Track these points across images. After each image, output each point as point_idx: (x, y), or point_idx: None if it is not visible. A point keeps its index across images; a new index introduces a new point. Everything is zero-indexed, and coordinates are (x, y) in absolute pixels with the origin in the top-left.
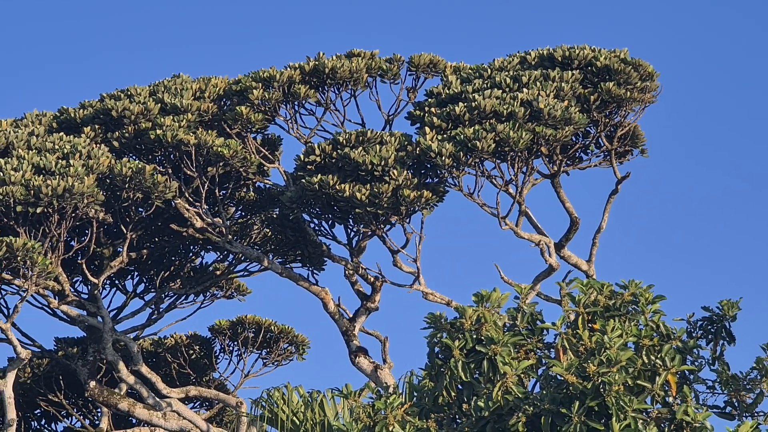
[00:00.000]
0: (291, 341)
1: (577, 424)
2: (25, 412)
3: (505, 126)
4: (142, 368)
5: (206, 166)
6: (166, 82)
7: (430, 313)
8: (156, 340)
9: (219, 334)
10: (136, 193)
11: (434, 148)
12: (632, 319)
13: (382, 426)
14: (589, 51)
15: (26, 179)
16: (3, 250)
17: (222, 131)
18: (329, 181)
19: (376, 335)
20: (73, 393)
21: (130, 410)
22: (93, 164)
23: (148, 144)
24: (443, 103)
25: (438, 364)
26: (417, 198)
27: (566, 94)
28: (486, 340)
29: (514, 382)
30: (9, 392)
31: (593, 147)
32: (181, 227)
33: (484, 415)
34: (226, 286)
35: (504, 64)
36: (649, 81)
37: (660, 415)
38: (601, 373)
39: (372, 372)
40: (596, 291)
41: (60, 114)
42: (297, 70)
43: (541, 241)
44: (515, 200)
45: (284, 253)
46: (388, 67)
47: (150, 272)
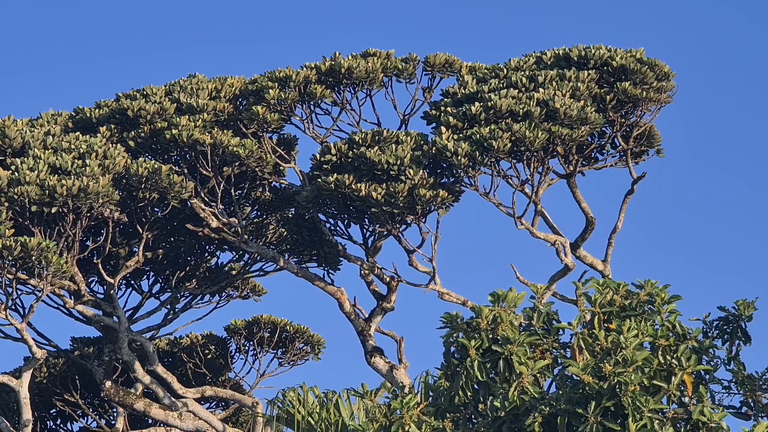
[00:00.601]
0: (306, 341)
1: (593, 425)
2: (41, 412)
3: (521, 126)
4: (158, 368)
5: (222, 166)
6: (182, 81)
7: (446, 313)
8: (172, 340)
9: (235, 333)
10: (152, 193)
11: (450, 148)
12: (648, 319)
13: (398, 426)
14: (605, 51)
15: (41, 179)
16: (18, 249)
17: (238, 131)
18: (345, 180)
19: (392, 335)
20: (89, 393)
21: (146, 410)
22: (109, 164)
23: (163, 144)
24: (459, 102)
25: (454, 363)
26: (433, 197)
27: (582, 94)
28: (502, 340)
29: (530, 382)
30: (25, 392)
31: (609, 147)
32: (197, 227)
33: (500, 415)
34: (241, 286)
35: (520, 63)
36: (665, 81)
37: (676, 415)
38: (617, 373)
39: (388, 372)
40: (612, 291)
41: (76, 114)
42: (313, 70)
43: (557, 241)
44: (531, 200)
45: (300, 252)
46: (404, 67)
47: (166, 272)
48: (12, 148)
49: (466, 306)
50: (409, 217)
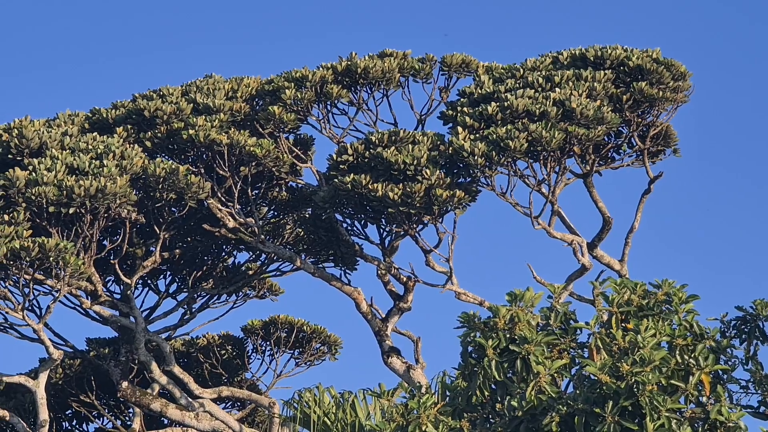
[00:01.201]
0: (323, 341)
1: (611, 424)
2: (57, 413)
3: (538, 125)
4: (175, 368)
5: (239, 166)
6: (198, 82)
7: (463, 313)
8: (188, 340)
9: (251, 334)
10: (169, 193)
11: (467, 148)
12: (666, 318)
13: (415, 426)
14: (622, 51)
15: (59, 179)
16: (36, 250)
17: (254, 131)
18: (362, 180)
19: (409, 335)
20: (105, 393)
21: (163, 411)
22: (126, 164)
23: (180, 144)
24: (476, 102)
25: (471, 363)
26: (450, 198)
27: (599, 94)
28: (519, 340)
29: (547, 381)
30: (41, 393)
31: (626, 147)
32: (214, 227)
33: (518, 415)
34: (258, 285)
35: (536, 63)
36: (681, 81)
37: (694, 414)
38: (635, 372)
39: (404, 372)
40: (629, 290)
41: (92, 114)
42: (329, 70)
43: (574, 240)
44: (548, 200)
45: (317, 252)
46: (421, 67)
47: (182, 272)
48: (29, 149)
49: (483, 306)
50: (425, 217)
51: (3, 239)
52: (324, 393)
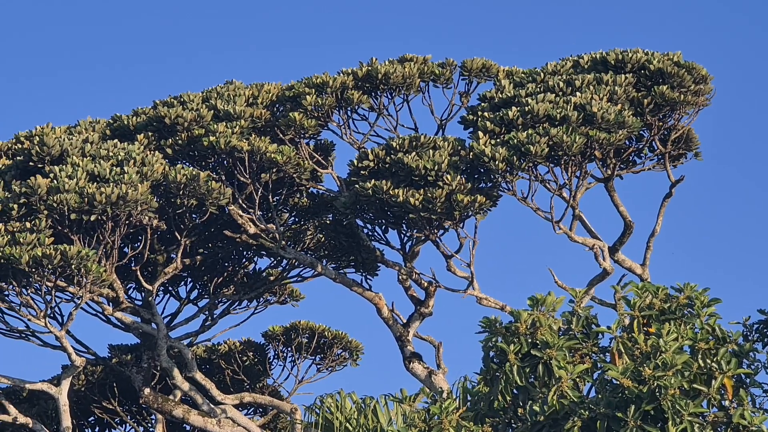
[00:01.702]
0: (345, 347)
1: (633, 428)
2: (80, 420)
3: (559, 130)
4: (197, 375)
5: (259, 172)
6: (219, 88)
7: (485, 318)
8: (210, 346)
9: (273, 340)
10: (190, 200)
11: (488, 153)
12: (688, 322)
13: (438, 430)
14: (642, 54)
15: (80, 187)
16: (57, 257)
17: (275, 137)
18: (383, 186)
19: (430, 340)
20: (128, 400)
21: (185, 417)
22: (147, 171)
23: (201, 151)
24: (496, 107)
25: (493, 368)
26: (470, 203)
27: (620, 98)
28: (541, 344)
29: (569, 386)
30: (64, 399)
31: (647, 150)
32: (235, 233)
33: (540, 420)
34: (279, 291)
35: (557, 67)
36: (702, 84)
37: (716, 418)
38: (657, 376)
39: (426, 377)
40: (651, 294)
41: (113, 121)
42: (350, 75)
43: (595, 245)
44: (569, 204)
45: (338, 258)
46: (441, 72)
47: (204, 278)
48: (50, 156)
49: (505, 311)
50: (446, 223)
51: (25, 247)
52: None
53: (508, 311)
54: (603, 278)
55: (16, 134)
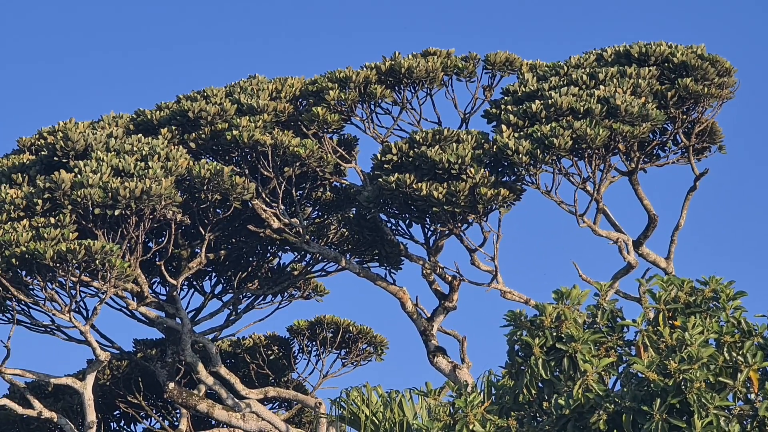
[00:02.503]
0: (369, 341)
1: (659, 422)
2: (105, 414)
3: (582, 123)
4: (221, 369)
5: (283, 167)
6: (242, 83)
7: (509, 311)
8: (234, 341)
9: (297, 334)
10: (214, 195)
11: (511, 146)
12: (713, 315)
13: (463, 424)
14: (666, 47)
15: (104, 182)
16: (82, 252)
17: (298, 131)
18: (406, 180)
19: (454, 335)
20: (152, 394)
21: (209, 411)
22: (171, 166)
23: (224, 145)
24: (520, 100)
25: (518, 362)
26: (494, 196)
27: (643, 91)
28: (566, 338)
29: (594, 379)
30: (89, 394)
31: (671, 144)
32: (259, 228)
33: (565, 414)
34: (303, 286)
35: (580, 61)
36: (726, 77)
37: (742, 411)
38: (683, 370)
39: (450, 372)
40: (677, 287)
41: (137, 116)
42: (373, 70)
43: (619, 238)
44: (593, 198)
45: (361, 252)
46: (464, 66)
47: (228, 273)
48: (75, 151)
49: (529, 305)
50: (470, 216)
51: (49, 242)
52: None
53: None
54: (627, 272)
55: (39, 130)
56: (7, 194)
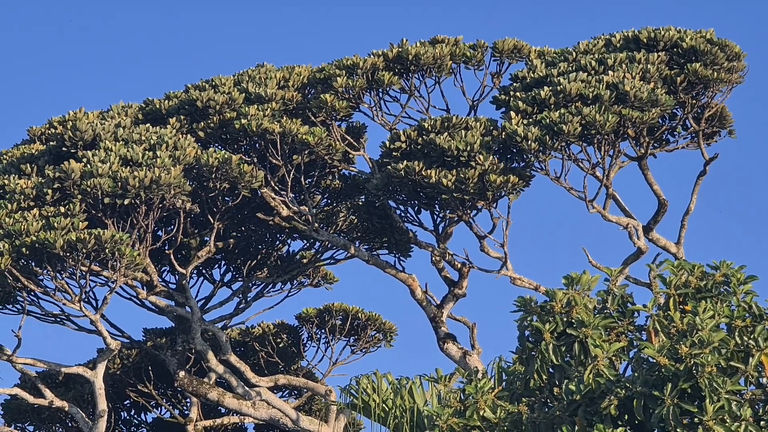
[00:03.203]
0: (378, 328)
1: (670, 407)
2: (115, 403)
3: (591, 109)
4: (231, 357)
5: (291, 155)
6: (250, 71)
7: (520, 297)
8: (244, 329)
9: (306, 322)
10: (222, 183)
11: (520, 133)
12: (724, 300)
13: (473, 410)
14: (675, 32)
15: (113, 171)
16: (91, 242)
17: (307, 119)
18: (415, 167)
19: (464, 321)
20: (163, 383)
21: (220, 400)
22: (179, 155)
23: (233, 133)
24: (528, 87)
25: (529, 347)
26: (503, 183)
27: (652, 76)
28: (577, 323)
29: (605, 364)
30: (99, 383)
31: (680, 129)
32: (268, 216)
33: (576, 399)
34: (312, 274)
35: (589, 47)
36: (735, 61)
37: (754, 396)
38: (694, 354)
39: (461, 358)
40: (687, 272)
41: (145, 105)
42: (381, 57)
43: (629, 224)
44: (602, 183)
45: (370, 240)
46: (472, 54)
47: (237, 261)
48: (83, 141)
49: (539, 291)
50: (479, 203)
51: (59, 231)
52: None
53: (542, 291)
54: (637, 257)
55: (49, 119)
56: (17, 184)
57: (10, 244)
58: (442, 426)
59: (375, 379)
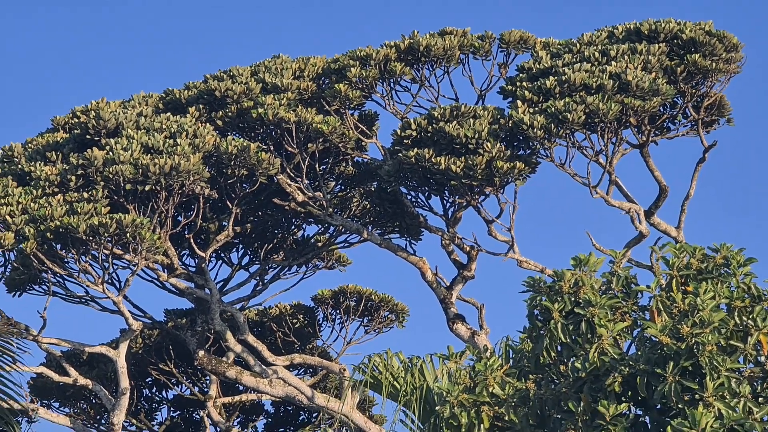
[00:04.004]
0: (391, 309)
1: (672, 384)
2: (137, 381)
3: (595, 98)
4: (249, 337)
5: (306, 143)
6: (266, 62)
7: (529, 277)
8: (261, 310)
9: (321, 303)
10: (240, 170)
11: (526, 121)
12: (724, 281)
13: (483, 387)
14: (675, 24)
15: (135, 158)
16: (113, 226)
17: (321, 108)
18: (425, 154)
19: (473, 302)
20: (183, 362)
21: (238, 378)
22: (199, 143)
23: (250, 122)
24: (534, 77)
25: (538, 326)
26: (510, 169)
27: (653, 67)
28: (584, 303)
29: (610, 343)
30: (122, 362)
31: (680, 117)
32: (284, 201)
33: (581, 376)
34: (327, 257)
35: (592, 38)
36: (733, 52)
37: (752, 373)
38: (695, 333)
39: (469, 338)
40: (689, 254)
41: (166, 95)
42: (392, 48)
43: (631, 208)
44: (605, 170)
45: (383, 224)
46: (480, 45)
47: (254, 245)
48: (106, 129)
49: (544, 273)
50: (487, 189)
51: (83, 216)
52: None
53: (547, 273)
54: (639, 241)
55: (72, 109)
56: (42, 171)
57: (36, 228)
58: (452, 402)
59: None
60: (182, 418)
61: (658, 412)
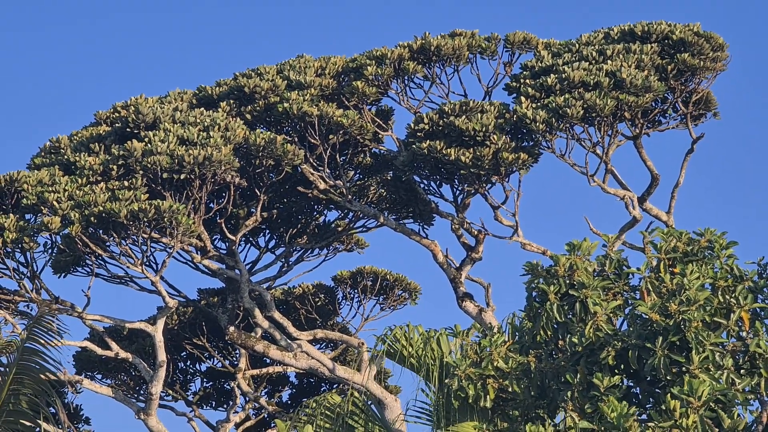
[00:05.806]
0: (405, 288)
1: (661, 357)
2: (173, 355)
3: (592, 94)
4: (275, 314)
5: (328, 135)
6: (291, 61)
7: (527, 262)
8: (286, 289)
9: (341, 283)
10: (267, 161)
11: (529, 115)
12: (708, 262)
13: (488, 361)
14: (666, 26)
15: (171, 149)
16: (152, 212)
17: (341, 104)
18: (437, 146)
19: (480, 282)
20: (215, 337)
21: (265, 351)
22: (230, 135)
23: (276, 116)
24: (536, 75)
25: (536, 306)
26: (515, 160)
27: (646, 65)
28: (578, 285)
29: (603, 320)
30: (159, 337)
31: (671, 111)
32: (307, 189)
33: (578, 350)
34: (346, 240)
35: (590, 39)
36: (719, 51)
37: (735, 347)
38: (682, 311)
39: (477, 314)
40: (676, 238)
41: (199, 91)
42: (406, 48)
43: (626, 195)
44: (602, 160)
45: (397, 210)
46: (487, 45)
47: (280, 230)
48: (145, 123)
49: (546, 255)
50: (493, 177)
51: (123, 202)
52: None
53: (548, 255)
54: (633, 225)
55: (114, 104)
56: (86, 161)
57: (80, 213)
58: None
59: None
60: (214, 389)
61: (648, 383)
